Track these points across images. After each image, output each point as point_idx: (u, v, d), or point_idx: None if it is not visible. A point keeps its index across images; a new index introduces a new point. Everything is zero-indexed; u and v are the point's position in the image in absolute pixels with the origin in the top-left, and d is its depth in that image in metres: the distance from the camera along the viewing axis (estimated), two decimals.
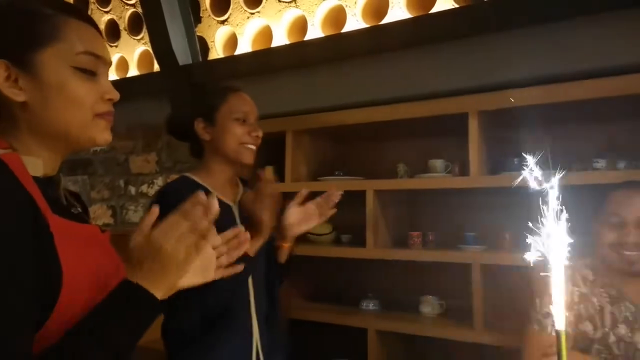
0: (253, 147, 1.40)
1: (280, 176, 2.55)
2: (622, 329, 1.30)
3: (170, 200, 1.32)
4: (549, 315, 1.42)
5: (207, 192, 1.36)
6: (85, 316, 0.70)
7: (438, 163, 2.27)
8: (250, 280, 1.35)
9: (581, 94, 1.84)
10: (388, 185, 2.30)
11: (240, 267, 0.91)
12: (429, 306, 2.26)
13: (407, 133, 2.58)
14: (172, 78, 2.79)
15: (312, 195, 1.50)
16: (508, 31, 1.99)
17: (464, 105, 2.08)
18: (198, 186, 1.38)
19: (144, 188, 3.20)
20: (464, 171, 2.13)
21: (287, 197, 1.93)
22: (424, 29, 2.16)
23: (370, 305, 2.39)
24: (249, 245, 1.27)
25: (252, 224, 1.27)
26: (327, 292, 2.68)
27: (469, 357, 2.19)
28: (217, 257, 0.88)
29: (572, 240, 0.90)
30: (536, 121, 2.11)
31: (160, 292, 0.73)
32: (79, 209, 0.86)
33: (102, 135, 0.80)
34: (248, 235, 0.91)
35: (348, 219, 2.69)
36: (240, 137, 1.38)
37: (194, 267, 0.77)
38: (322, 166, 2.68)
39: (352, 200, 2.51)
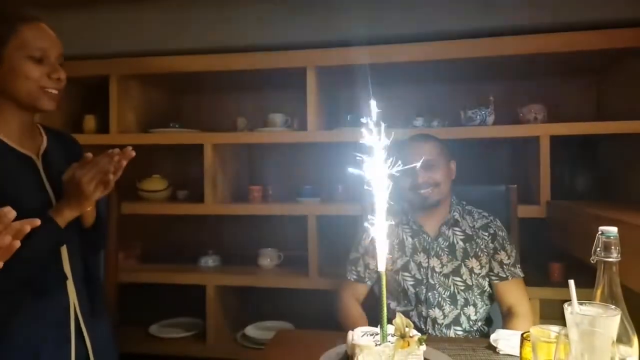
0: (54, 91, 1.17)
1: (103, 127, 2.27)
2: (421, 256, 1.55)
3: None
4: (363, 265, 1.57)
5: (0, 142, 1.14)
6: None
7: (278, 117, 2.27)
8: (64, 248, 1.19)
9: (404, 57, 1.99)
10: (227, 139, 2.23)
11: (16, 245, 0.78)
12: (268, 258, 2.30)
13: (247, 86, 2.51)
14: None
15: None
16: None
17: (302, 59, 2.08)
18: None
19: None
20: (303, 126, 2.16)
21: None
22: None
23: (209, 261, 2.34)
24: (63, 215, 1.11)
25: (72, 193, 1.10)
26: (164, 251, 2.55)
27: (305, 303, 2.32)
28: None
29: (389, 191, 1.00)
30: (368, 80, 2.24)
31: None
32: None
33: None
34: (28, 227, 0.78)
35: (184, 174, 2.56)
36: (37, 80, 1.13)
37: None
38: (155, 117, 2.47)
39: (189, 155, 2.39)
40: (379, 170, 0.98)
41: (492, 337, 1.19)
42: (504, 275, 1.52)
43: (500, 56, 1.94)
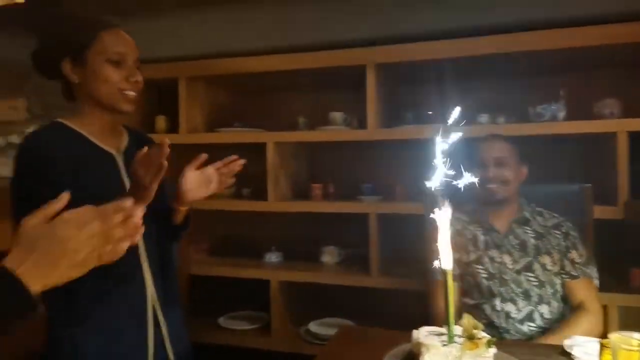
0: (132, 93, 1.24)
1: (173, 127, 2.39)
2: (493, 252, 1.56)
3: (42, 149, 1.16)
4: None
5: (85, 139, 1.23)
6: None
7: (338, 115, 2.29)
8: (140, 239, 1.27)
9: (469, 52, 1.94)
10: (289, 138, 2.28)
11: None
12: (330, 255, 2.33)
13: (307, 84, 2.55)
14: (39, 9, 2.41)
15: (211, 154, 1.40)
16: None
17: (362, 57, 2.09)
18: (73, 133, 1.22)
19: (14, 138, 2.81)
20: (363, 124, 2.17)
21: (182, 149, 1.83)
22: None
23: (273, 257, 2.41)
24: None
25: (136, 189, 1.16)
26: (230, 245, 2.64)
27: (367, 301, 2.33)
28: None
29: (457, 189, 0.99)
30: (429, 76, 2.20)
31: (39, 287, 0.66)
32: None
33: None
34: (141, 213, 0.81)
35: (248, 172, 2.63)
36: (116, 83, 1.21)
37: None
38: (220, 117, 2.56)
39: (253, 153, 2.46)
40: (443, 168, 0.97)
41: (567, 342, 1.15)
42: (575, 274, 1.50)
43: (571, 48, 1.84)
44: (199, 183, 1.24)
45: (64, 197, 0.70)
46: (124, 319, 1.23)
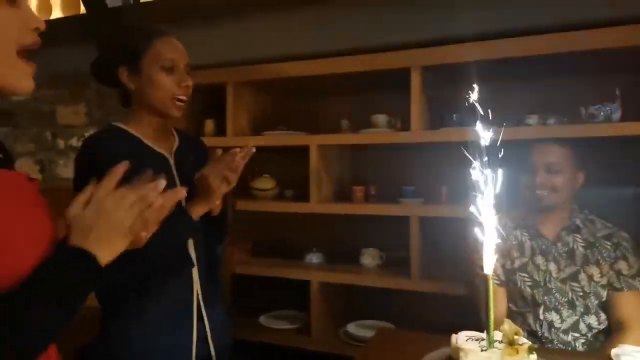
0: (184, 98, 1.30)
1: (221, 130, 2.47)
2: (539, 259, 1.50)
3: (101, 150, 1.24)
4: (498, 267, 1.54)
5: (139, 141, 1.31)
6: (29, 280, 0.67)
7: (380, 118, 2.29)
8: (191, 239, 1.33)
9: (518, 52, 1.88)
10: (331, 140, 2.30)
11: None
12: (370, 257, 2.33)
13: (350, 87, 2.56)
14: (99, 21, 2.57)
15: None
16: None
17: (406, 60, 2.07)
18: (129, 135, 1.30)
19: (74, 141, 3.00)
20: (405, 126, 2.15)
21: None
22: None
23: (313, 258, 2.43)
24: (195, 210, 1.25)
25: (202, 190, 1.24)
26: (272, 246, 2.70)
27: (406, 304, 2.31)
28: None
29: (502, 193, 0.97)
30: (474, 77, 2.15)
31: (105, 258, 0.75)
32: (0, 155, 0.79)
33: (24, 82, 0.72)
34: (184, 192, 0.86)
35: (291, 174, 2.69)
36: (169, 89, 1.27)
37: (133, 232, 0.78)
38: (265, 120, 2.62)
39: (296, 156, 2.50)
40: (488, 171, 0.96)
41: (614, 351, 1.09)
42: (619, 286, 1.42)
43: (626, 47, 1.75)
44: (220, 178, 1.25)
45: (123, 166, 0.80)
46: (170, 314, 1.29)
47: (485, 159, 0.96)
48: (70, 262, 0.71)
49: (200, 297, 1.34)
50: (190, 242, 1.33)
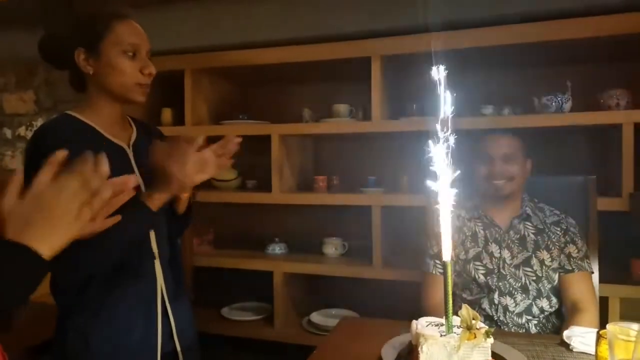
0: (145, 84, 1.25)
1: (179, 119, 2.41)
2: (493, 247, 1.55)
3: (47, 141, 1.17)
4: (437, 255, 1.57)
5: (95, 131, 1.25)
6: None
7: (342, 107, 2.29)
8: (152, 230, 1.28)
9: (473, 42, 1.93)
10: (293, 130, 2.28)
11: (117, 219, 0.83)
12: (333, 247, 2.34)
13: (312, 76, 2.55)
14: (48, 3, 2.43)
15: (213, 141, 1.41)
16: None
17: (367, 49, 2.08)
18: (83, 125, 1.23)
19: (22, 131, 2.85)
20: (367, 116, 2.16)
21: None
22: None
23: (276, 249, 2.42)
24: (153, 199, 1.19)
25: (161, 178, 1.17)
26: (234, 237, 2.67)
27: (369, 292, 2.34)
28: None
29: (457, 182, 0.99)
30: (433, 67, 2.18)
31: (47, 250, 0.71)
32: None
33: None
34: (134, 180, 0.82)
35: (253, 164, 2.65)
36: (131, 75, 1.21)
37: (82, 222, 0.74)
38: (225, 109, 2.57)
39: (257, 145, 2.47)
40: (445, 161, 0.97)
41: (565, 333, 1.15)
42: (570, 268, 1.49)
43: (577, 39, 1.82)
44: (197, 167, 1.22)
45: (62, 153, 0.74)
46: (133, 311, 1.24)
47: (443, 148, 0.97)
48: (6, 258, 0.67)
49: (164, 291, 1.30)
50: (152, 235, 1.29)
